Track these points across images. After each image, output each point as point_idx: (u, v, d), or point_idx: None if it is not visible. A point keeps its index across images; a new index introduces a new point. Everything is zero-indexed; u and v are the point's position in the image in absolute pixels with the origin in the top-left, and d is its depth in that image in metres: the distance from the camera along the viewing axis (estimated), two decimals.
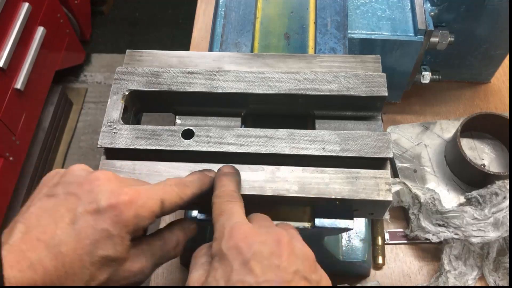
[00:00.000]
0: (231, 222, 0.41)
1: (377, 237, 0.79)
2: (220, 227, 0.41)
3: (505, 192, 0.73)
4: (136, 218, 0.40)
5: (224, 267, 0.38)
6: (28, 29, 1.69)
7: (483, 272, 0.74)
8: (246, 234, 0.39)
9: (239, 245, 0.38)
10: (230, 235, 0.39)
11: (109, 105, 0.54)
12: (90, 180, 0.42)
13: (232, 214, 0.42)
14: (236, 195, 0.45)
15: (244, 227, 0.40)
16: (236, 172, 0.49)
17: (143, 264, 0.42)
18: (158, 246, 0.45)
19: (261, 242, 0.38)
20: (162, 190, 0.43)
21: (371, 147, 0.50)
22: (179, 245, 0.47)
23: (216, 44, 0.73)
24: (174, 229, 0.47)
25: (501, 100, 0.95)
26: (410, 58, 0.79)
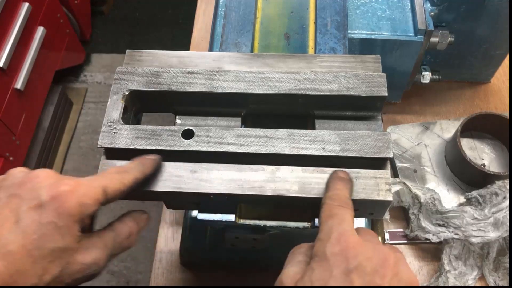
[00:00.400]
0: (341, 228, 0.40)
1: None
2: (328, 229, 0.40)
3: (505, 192, 0.73)
4: (80, 207, 0.41)
5: (323, 270, 0.37)
6: (28, 29, 1.69)
7: (483, 272, 0.74)
8: (354, 244, 0.39)
9: (345, 253, 0.38)
10: (338, 240, 0.39)
11: (109, 105, 0.54)
12: (30, 178, 0.42)
13: (343, 220, 0.42)
14: (349, 202, 0.45)
15: (353, 237, 0.40)
16: (351, 179, 0.48)
17: (96, 255, 0.42)
18: (110, 238, 0.45)
19: (367, 257, 0.38)
20: (102, 178, 0.44)
21: (371, 147, 0.50)
22: (132, 235, 0.47)
23: (216, 44, 0.73)
24: (125, 220, 0.48)
25: (501, 100, 0.95)
26: (410, 58, 0.79)
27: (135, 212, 0.49)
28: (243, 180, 0.50)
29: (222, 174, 0.50)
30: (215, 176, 0.50)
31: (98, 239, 0.44)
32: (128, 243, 0.47)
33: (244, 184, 0.50)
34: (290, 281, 0.39)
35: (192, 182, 0.50)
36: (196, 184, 0.50)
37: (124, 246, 0.46)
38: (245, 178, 0.50)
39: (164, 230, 0.83)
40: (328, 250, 0.38)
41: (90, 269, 0.42)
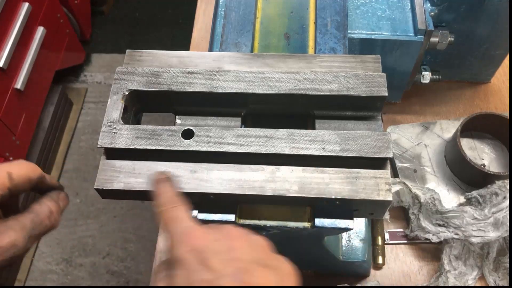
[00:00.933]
0: (181, 227, 0.41)
1: (377, 237, 0.79)
2: (172, 235, 0.41)
3: (505, 192, 0.73)
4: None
5: (183, 271, 0.38)
6: (28, 29, 1.69)
7: (483, 272, 0.74)
8: (199, 235, 0.39)
9: (195, 246, 0.38)
10: (184, 239, 0.39)
11: (109, 105, 0.54)
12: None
13: (179, 219, 0.42)
14: (177, 199, 0.45)
15: (195, 229, 0.40)
16: (169, 177, 0.48)
17: (12, 237, 0.43)
18: (28, 219, 0.46)
19: (216, 240, 0.39)
20: (8, 165, 0.45)
21: (371, 147, 0.50)
22: (53, 214, 0.48)
23: (216, 44, 0.73)
24: (43, 201, 0.49)
25: (501, 100, 0.95)
26: (410, 58, 0.79)
27: (53, 192, 0.50)
28: (243, 180, 0.50)
29: (222, 174, 0.50)
30: (215, 176, 0.50)
31: (15, 221, 0.45)
32: (51, 223, 0.47)
33: (244, 184, 0.50)
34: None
35: (192, 182, 0.50)
36: (196, 184, 0.50)
37: (46, 225, 0.47)
38: (245, 178, 0.50)
39: None
40: (180, 251, 0.39)
41: (8, 252, 0.43)
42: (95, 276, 1.77)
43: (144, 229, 1.85)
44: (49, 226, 0.47)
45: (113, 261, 1.80)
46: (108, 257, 1.81)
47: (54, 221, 0.48)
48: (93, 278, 1.77)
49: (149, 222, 1.85)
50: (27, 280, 1.76)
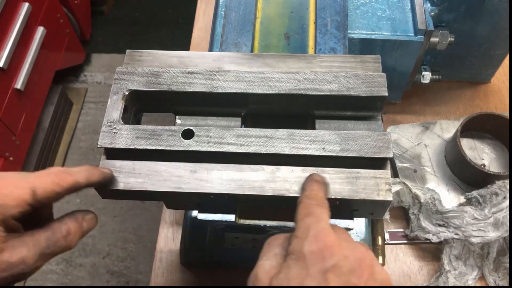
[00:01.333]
0: (319, 226, 0.40)
1: (377, 237, 0.79)
2: (306, 227, 0.40)
3: (505, 192, 0.73)
4: (1, 208, 0.40)
5: (299, 269, 0.37)
6: (28, 29, 1.69)
7: (483, 272, 0.74)
8: (331, 243, 0.38)
9: (322, 252, 0.38)
10: (315, 238, 0.39)
11: (109, 105, 0.54)
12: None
13: (320, 218, 0.41)
14: (326, 202, 0.45)
15: (330, 235, 0.39)
16: (326, 182, 0.48)
17: (23, 254, 0.42)
18: (43, 237, 0.44)
19: (344, 256, 0.38)
20: (34, 178, 0.43)
21: (371, 147, 0.50)
22: (71, 235, 0.46)
23: (216, 44, 0.74)
24: (64, 219, 0.47)
25: (501, 100, 0.95)
26: (410, 58, 0.79)
27: (79, 212, 0.49)
28: (243, 180, 0.50)
29: (222, 174, 0.50)
30: (215, 176, 0.50)
31: (29, 237, 0.43)
32: (66, 243, 0.46)
33: (244, 184, 0.50)
34: (265, 275, 0.39)
35: (192, 182, 0.50)
36: (196, 184, 0.50)
37: (62, 246, 0.45)
38: (245, 178, 0.50)
39: (164, 230, 0.83)
40: (306, 248, 0.38)
41: (17, 268, 0.42)
42: (95, 276, 1.77)
43: (144, 229, 1.85)
44: (63, 246, 0.45)
45: (113, 261, 1.80)
46: (108, 257, 1.81)
47: (70, 242, 0.46)
48: (93, 278, 1.77)
49: (149, 222, 1.85)
50: (27, 280, 1.76)
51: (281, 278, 0.37)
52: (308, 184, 0.47)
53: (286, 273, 0.37)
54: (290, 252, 0.39)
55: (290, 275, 0.37)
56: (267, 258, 0.41)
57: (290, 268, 0.38)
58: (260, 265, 0.40)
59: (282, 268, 0.38)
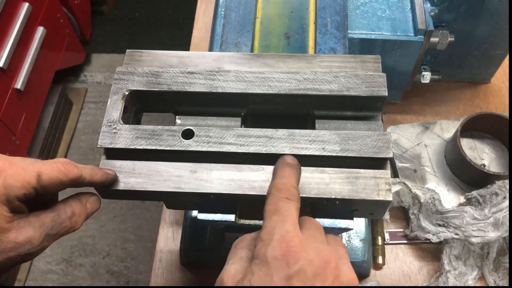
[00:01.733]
0: (284, 228, 0.39)
1: (377, 237, 0.79)
2: (270, 228, 0.39)
3: (505, 192, 0.73)
4: (5, 188, 0.41)
5: (263, 275, 0.37)
6: (28, 29, 1.69)
7: (483, 272, 0.74)
8: (296, 247, 0.38)
9: (286, 258, 0.37)
10: (279, 243, 0.38)
11: (109, 105, 0.54)
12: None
13: (287, 217, 0.40)
14: (295, 193, 0.44)
15: (294, 238, 0.38)
16: (299, 165, 0.47)
17: (29, 234, 0.43)
18: (48, 217, 0.45)
19: (309, 260, 0.37)
20: (41, 164, 0.44)
21: (371, 147, 0.50)
22: (76, 216, 0.47)
23: (216, 44, 0.74)
24: (68, 201, 0.48)
25: (501, 100, 0.95)
26: (410, 58, 0.79)
27: (83, 194, 0.50)
28: (243, 180, 0.50)
29: (222, 174, 0.50)
30: (215, 176, 0.50)
31: (35, 218, 0.44)
32: (71, 224, 0.47)
33: (244, 184, 0.50)
34: (230, 280, 0.38)
35: (192, 182, 0.50)
36: (196, 184, 0.50)
37: (66, 226, 0.46)
38: (245, 178, 0.50)
39: (164, 230, 0.83)
40: (269, 253, 0.37)
41: (23, 248, 0.42)
42: (95, 276, 1.77)
43: (144, 229, 1.85)
44: (68, 227, 0.46)
45: (113, 261, 1.80)
46: (108, 257, 1.81)
47: (75, 223, 0.47)
48: (93, 278, 1.77)
49: (149, 222, 1.85)
50: (27, 280, 1.76)
51: (245, 284, 0.37)
52: (279, 169, 0.46)
53: (249, 278, 0.37)
54: (254, 256, 0.39)
55: (254, 281, 0.37)
56: (233, 262, 0.40)
57: (253, 273, 0.37)
58: (226, 270, 0.39)
59: (247, 273, 0.38)
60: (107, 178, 0.50)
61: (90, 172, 0.48)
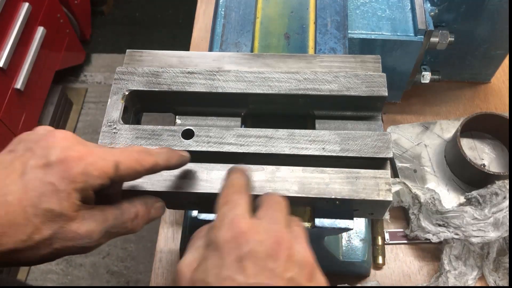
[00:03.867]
0: (232, 213, 0.39)
1: (377, 237, 0.79)
2: (221, 215, 0.40)
3: (505, 192, 0.73)
4: (84, 176, 0.40)
5: (216, 259, 0.37)
6: (28, 29, 1.69)
7: (483, 272, 0.74)
8: (245, 229, 0.38)
9: (236, 239, 0.37)
10: (229, 226, 0.38)
11: (109, 105, 0.54)
12: (47, 137, 0.42)
13: (236, 205, 0.40)
14: (245, 188, 0.43)
15: (244, 221, 0.38)
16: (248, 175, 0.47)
17: (91, 227, 0.42)
18: (112, 215, 0.44)
19: (259, 241, 0.37)
20: (119, 153, 0.43)
21: (371, 147, 0.50)
22: (139, 219, 0.46)
23: (216, 44, 0.74)
24: (134, 202, 0.46)
25: (501, 100, 0.95)
26: (410, 58, 0.79)
27: (149, 197, 0.48)
28: None
29: (222, 174, 0.50)
30: (215, 176, 0.50)
31: (99, 212, 0.43)
32: (132, 226, 0.45)
33: None
34: (186, 269, 0.38)
35: (192, 182, 0.50)
36: (196, 184, 0.50)
37: (127, 228, 0.45)
38: None
39: (164, 230, 0.83)
40: (220, 237, 0.37)
41: (82, 240, 0.41)
42: (95, 276, 1.77)
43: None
44: (129, 229, 0.45)
45: (113, 261, 1.80)
46: (108, 257, 1.81)
47: (136, 225, 0.46)
48: (93, 278, 1.77)
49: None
50: (27, 280, 1.76)
51: (200, 271, 0.37)
52: (229, 174, 0.46)
53: (204, 264, 0.37)
54: (208, 243, 0.39)
55: (208, 266, 0.37)
56: (190, 251, 0.40)
57: (207, 259, 0.37)
58: (183, 259, 0.39)
59: (201, 260, 0.38)
60: (183, 161, 0.48)
61: (166, 157, 0.46)
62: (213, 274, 0.36)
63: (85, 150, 0.41)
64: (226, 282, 0.35)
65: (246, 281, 0.35)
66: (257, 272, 0.36)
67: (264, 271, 0.36)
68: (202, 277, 0.36)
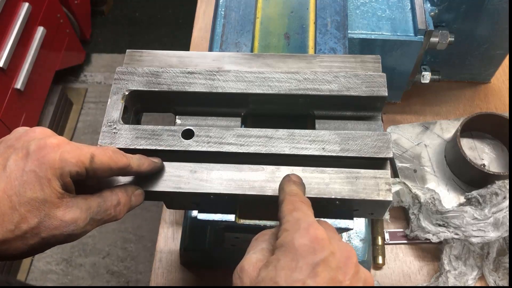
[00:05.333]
0: (308, 220, 0.40)
1: (377, 237, 0.79)
2: (295, 220, 0.40)
3: (505, 192, 0.73)
4: (61, 162, 0.42)
5: (289, 260, 0.37)
6: (28, 29, 1.69)
7: (483, 272, 0.74)
8: (322, 237, 0.38)
9: (313, 245, 0.37)
10: (307, 231, 0.38)
11: (109, 105, 0.54)
12: (26, 132, 0.45)
13: (308, 214, 0.41)
14: (308, 200, 0.44)
15: (321, 229, 0.39)
16: (303, 183, 0.48)
17: (76, 215, 0.43)
18: (95, 202, 0.45)
19: (333, 252, 0.38)
20: (95, 148, 0.45)
21: (371, 147, 0.50)
22: (121, 206, 0.47)
23: (216, 44, 0.74)
24: (115, 189, 0.48)
25: (501, 100, 0.95)
26: (410, 58, 0.79)
27: (129, 185, 0.50)
28: (243, 180, 0.50)
29: (222, 174, 0.50)
30: (215, 176, 0.50)
31: (83, 200, 0.44)
32: (115, 213, 0.47)
33: (244, 184, 0.50)
34: (252, 268, 0.39)
35: (192, 182, 0.50)
36: (196, 184, 0.50)
37: (110, 214, 0.47)
38: (245, 178, 0.50)
39: (164, 230, 0.83)
40: (297, 240, 0.38)
41: (68, 228, 0.43)
42: (95, 276, 1.77)
43: (144, 229, 1.85)
44: (112, 215, 0.47)
45: (113, 261, 1.80)
46: (108, 257, 1.81)
47: (119, 212, 0.47)
48: (93, 278, 1.77)
49: (149, 222, 1.85)
50: (27, 280, 1.76)
51: (269, 269, 0.37)
52: (286, 185, 0.47)
53: (275, 264, 0.37)
54: (279, 245, 0.39)
55: (279, 266, 0.37)
56: (254, 251, 0.41)
57: (279, 259, 0.38)
58: (247, 258, 0.40)
59: (271, 259, 0.38)
60: (154, 167, 0.50)
61: (138, 162, 0.48)
62: (283, 274, 0.36)
63: (62, 139, 0.43)
64: (296, 284, 0.36)
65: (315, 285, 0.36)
66: (327, 281, 0.36)
67: (334, 282, 0.37)
68: (271, 276, 0.37)
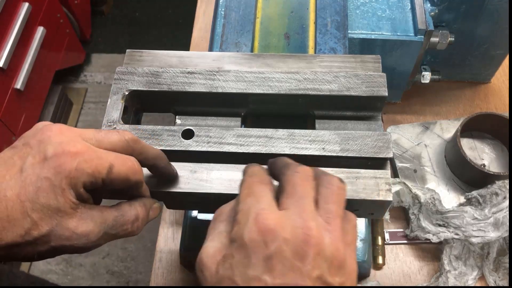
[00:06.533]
0: (258, 207, 0.37)
1: (377, 237, 0.79)
2: (246, 209, 0.38)
3: (505, 192, 0.73)
4: (77, 172, 0.40)
5: (242, 258, 0.36)
6: (28, 29, 1.69)
7: (483, 272, 0.74)
8: (271, 225, 0.36)
9: (263, 237, 0.35)
10: (255, 223, 0.36)
11: (109, 105, 0.54)
12: (43, 131, 0.42)
13: (261, 197, 0.39)
14: (268, 179, 0.42)
15: (271, 216, 0.36)
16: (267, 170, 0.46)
17: (89, 228, 0.41)
18: (111, 216, 0.44)
19: (285, 240, 0.35)
20: (115, 156, 0.42)
21: (371, 147, 0.50)
22: (138, 221, 0.46)
23: (216, 44, 0.74)
24: (134, 204, 0.46)
25: (501, 100, 0.95)
26: (410, 58, 0.79)
27: (147, 199, 0.48)
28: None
29: (222, 174, 0.50)
30: (215, 176, 0.50)
31: (98, 213, 0.43)
32: (132, 228, 0.45)
33: None
34: (210, 261, 0.37)
35: (192, 182, 0.50)
36: (196, 184, 0.50)
37: (127, 230, 0.45)
38: None
39: (164, 230, 0.83)
40: (246, 235, 0.36)
41: (79, 240, 0.41)
42: (95, 276, 1.77)
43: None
44: (129, 231, 0.45)
45: (113, 261, 1.80)
46: (108, 257, 1.81)
47: (136, 228, 0.45)
48: (93, 278, 1.77)
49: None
50: None
51: (226, 268, 0.36)
52: (247, 168, 0.44)
53: (230, 262, 0.36)
54: (232, 239, 0.37)
55: (234, 263, 0.36)
56: (212, 238, 0.39)
57: (233, 256, 0.36)
58: (205, 248, 0.38)
59: (227, 255, 0.37)
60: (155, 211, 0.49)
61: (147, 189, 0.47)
62: (239, 273, 0.35)
63: (82, 146, 0.41)
64: (253, 282, 0.35)
65: (273, 281, 0.34)
66: (284, 272, 0.35)
67: (291, 271, 0.35)
68: (229, 275, 0.36)
